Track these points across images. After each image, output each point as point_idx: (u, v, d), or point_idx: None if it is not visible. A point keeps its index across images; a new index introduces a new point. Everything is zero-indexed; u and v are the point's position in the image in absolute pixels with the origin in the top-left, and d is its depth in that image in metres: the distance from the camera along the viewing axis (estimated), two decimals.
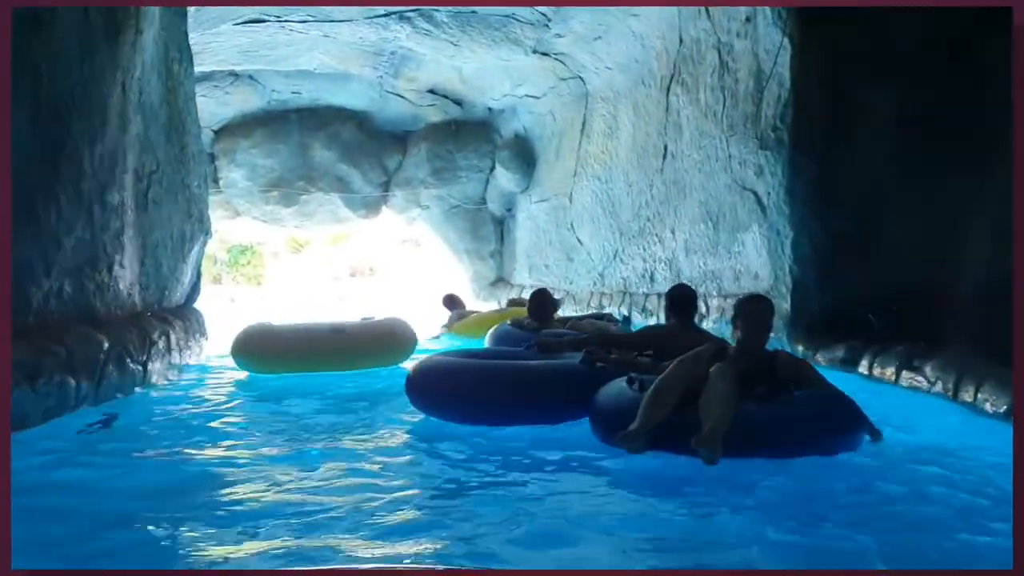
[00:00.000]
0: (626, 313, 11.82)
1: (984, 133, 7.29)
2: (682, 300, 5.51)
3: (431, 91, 14.79)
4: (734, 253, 9.13)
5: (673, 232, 10.69)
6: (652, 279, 11.33)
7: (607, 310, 11.66)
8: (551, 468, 4.13)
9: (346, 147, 15.48)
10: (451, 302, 11.69)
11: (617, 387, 4.45)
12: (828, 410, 4.15)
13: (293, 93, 14.81)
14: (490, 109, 15.31)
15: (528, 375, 4.95)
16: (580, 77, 12.95)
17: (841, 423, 4.14)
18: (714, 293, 9.59)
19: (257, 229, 17.08)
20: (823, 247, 7.85)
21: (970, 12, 7.10)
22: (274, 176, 15.33)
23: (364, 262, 31.15)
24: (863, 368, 6.79)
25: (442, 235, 16.28)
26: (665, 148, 10.83)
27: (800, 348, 7.71)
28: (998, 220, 7.20)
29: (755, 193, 8.51)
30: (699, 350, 4.37)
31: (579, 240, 13.51)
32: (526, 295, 14.84)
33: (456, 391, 4.89)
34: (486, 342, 7.92)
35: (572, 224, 13.69)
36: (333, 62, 13.48)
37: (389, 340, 7.96)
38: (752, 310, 4.58)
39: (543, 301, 7.91)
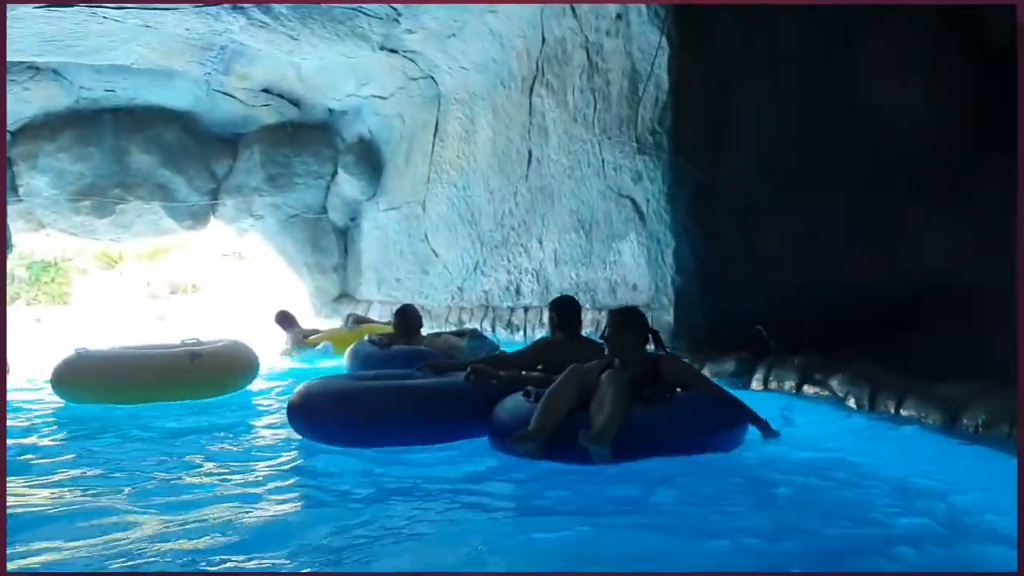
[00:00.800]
0: (489, 329, 11.42)
1: (864, 137, 7.37)
2: (566, 310, 5.77)
3: (266, 90, 13.90)
4: (609, 263, 8.89)
5: (541, 242, 10.37)
6: (518, 292, 10.97)
7: (468, 326, 11.23)
8: (451, 489, 4.06)
9: (169, 151, 14.30)
10: (284, 320, 11.06)
11: (514, 400, 4.61)
12: (710, 408, 4.45)
13: (107, 91, 13.52)
14: (331, 111, 14.56)
15: (433, 394, 4.95)
16: (432, 77, 12.46)
17: (724, 420, 4.44)
18: (588, 306, 9.30)
19: (66, 243, 15.49)
20: (706, 256, 7.70)
21: (852, 9, 7.17)
22: (85, 183, 13.94)
23: (185, 279, 29.30)
24: (757, 382, 6.63)
25: (279, 247, 15.34)
26: (530, 153, 10.51)
27: (686, 361, 7.49)
28: (888, 226, 7.29)
29: (632, 200, 8.30)
30: (592, 364, 4.62)
31: (434, 251, 13.00)
32: (375, 312, 14.24)
33: (363, 414, 4.79)
34: (346, 361, 7.86)
35: (426, 234, 13.16)
36: (155, 56, 12.37)
37: (234, 365, 7.58)
38: (606, 327, 4.81)
39: (410, 317, 8.18)
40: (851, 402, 5.63)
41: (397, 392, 4.92)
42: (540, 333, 10.27)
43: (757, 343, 7.09)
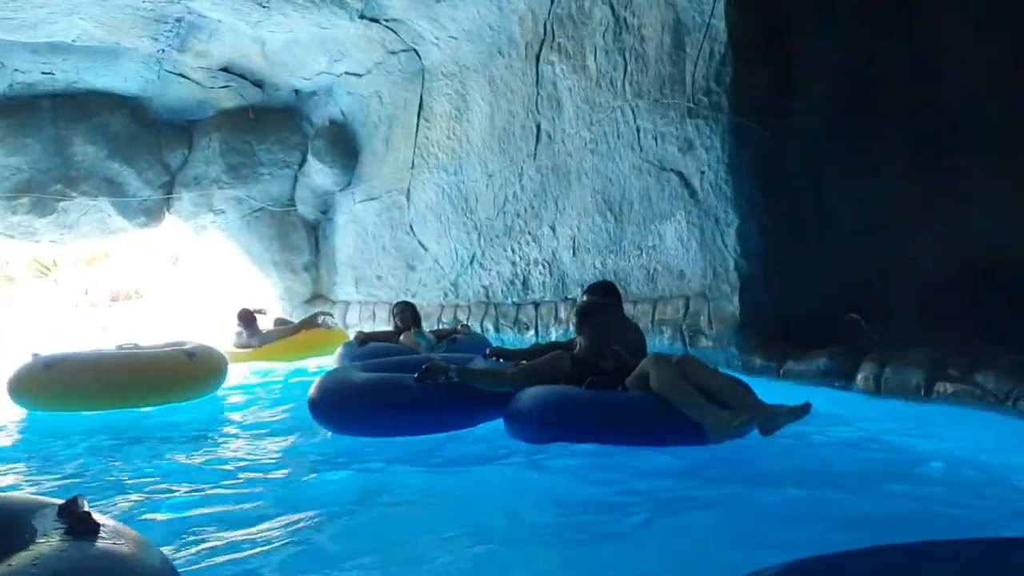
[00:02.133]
0: (491, 329, 10.41)
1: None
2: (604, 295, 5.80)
3: (225, 70, 12.65)
4: (646, 249, 7.91)
5: (554, 228, 9.36)
6: (526, 286, 9.94)
7: (465, 323, 10.21)
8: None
9: (116, 141, 12.98)
10: (246, 319, 10.88)
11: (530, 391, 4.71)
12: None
13: (44, 74, 12.17)
14: (297, 92, 13.36)
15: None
16: (415, 50, 11.37)
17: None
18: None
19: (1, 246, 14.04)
20: (775, 235, 6.78)
21: None
22: (22, 179, 12.57)
23: (127, 285, 27.67)
24: (866, 382, 5.70)
25: (243, 245, 14.08)
26: (538, 129, 9.49)
27: (757, 360, 6.57)
28: (979, 196, 6.43)
29: (680, 174, 7.34)
30: (549, 359, 4.92)
31: (422, 244, 11.90)
32: (354, 314, 13.10)
33: (391, 405, 4.92)
34: (339, 361, 7.73)
35: (412, 226, 12.06)
36: (100, 32, 11.10)
37: (205, 368, 7.44)
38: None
39: (406, 313, 8.60)
40: (1009, 404, 4.70)
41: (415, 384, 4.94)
42: (555, 332, 9.29)
43: (852, 334, 6.17)
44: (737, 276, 6.82)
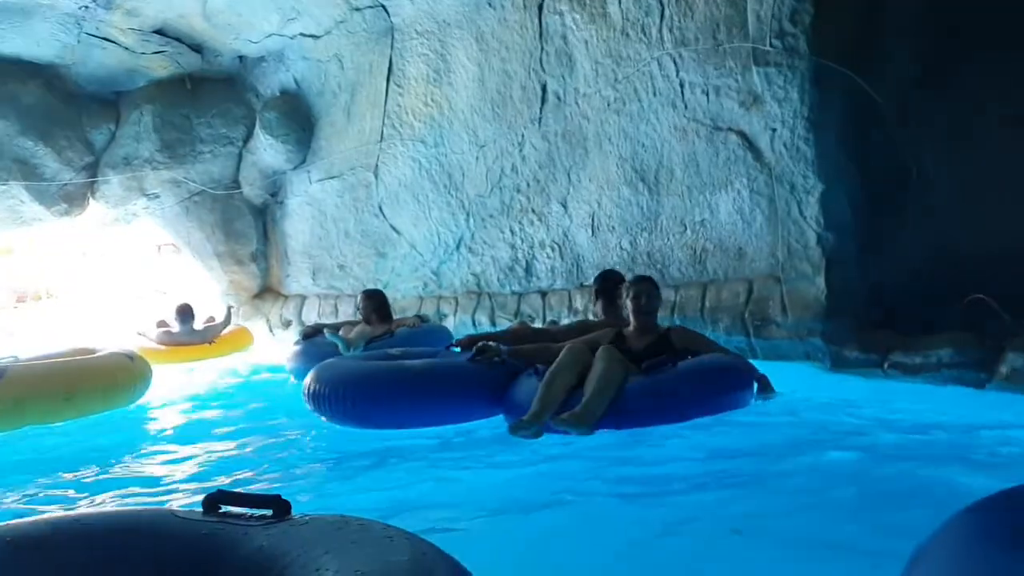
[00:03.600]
0: (485, 322, 9.40)
1: None
2: (615, 285, 5.76)
3: (159, 32, 11.30)
4: (693, 225, 6.99)
5: (565, 205, 8.39)
6: (529, 272, 8.95)
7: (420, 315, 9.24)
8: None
9: (29, 115, 11.52)
10: (182, 314, 10.93)
11: (526, 380, 4.82)
12: (708, 371, 4.62)
13: None
14: (242, 58, 12.07)
15: (466, 374, 5.03)
16: (382, 5, 10.23)
17: (724, 383, 4.62)
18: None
19: None
20: (867, 203, 5.90)
21: None
22: None
23: (37, 284, 25.71)
24: (1009, 374, 4.85)
25: (181, 234, 12.74)
26: (543, 89, 8.49)
27: (852, 353, 5.70)
28: None
29: (742, 133, 6.42)
30: (596, 334, 5.03)
31: (394, 228, 10.80)
32: (311, 310, 11.91)
33: (396, 394, 4.94)
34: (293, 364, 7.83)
35: (381, 207, 10.93)
36: None
37: (118, 376, 6.75)
38: (645, 291, 5.05)
39: (382, 302, 8.29)
40: None
41: (438, 370, 5.09)
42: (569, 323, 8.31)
43: (975, 318, 5.32)
44: (821, 253, 5.95)
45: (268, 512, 1.86)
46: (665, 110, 7.05)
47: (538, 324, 8.81)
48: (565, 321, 8.22)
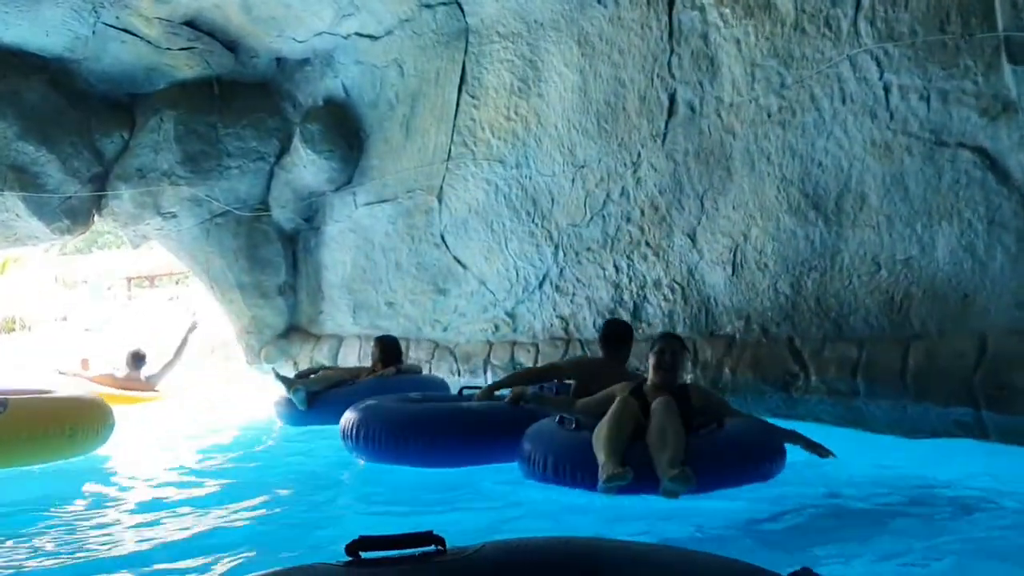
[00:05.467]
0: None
1: None
2: (617, 337, 6.30)
3: (189, 24, 10.18)
4: (892, 264, 5.85)
5: (693, 237, 7.25)
6: (637, 316, 7.77)
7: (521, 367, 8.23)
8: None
9: (31, 116, 10.34)
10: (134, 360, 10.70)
11: (549, 427, 5.04)
12: (763, 436, 4.82)
13: None
14: (280, 61, 10.94)
15: (499, 417, 5.62)
16: (457, 2, 9.17)
17: (776, 448, 4.74)
18: (821, 334, 6.23)
19: None
20: None
21: None
22: None
23: (6, 313, 24.26)
24: None
25: (199, 261, 11.50)
26: (672, 99, 7.39)
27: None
28: None
29: (980, 150, 5.27)
30: (621, 386, 5.11)
31: (459, 261, 9.62)
32: (352, 351, 10.65)
33: (431, 434, 5.54)
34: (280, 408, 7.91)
35: (444, 236, 9.77)
36: None
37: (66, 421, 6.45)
38: (670, 348, 5.16)
39: (394, 349, 8.48)
40: None
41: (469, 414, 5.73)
42: (691, 380, 7.15)
43: None
44: None
45: (429, 548, 1.86)
46: (859, 121, 5.93)
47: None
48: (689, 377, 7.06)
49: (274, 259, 11.51)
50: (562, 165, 8.45)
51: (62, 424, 6.28)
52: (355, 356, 10.69)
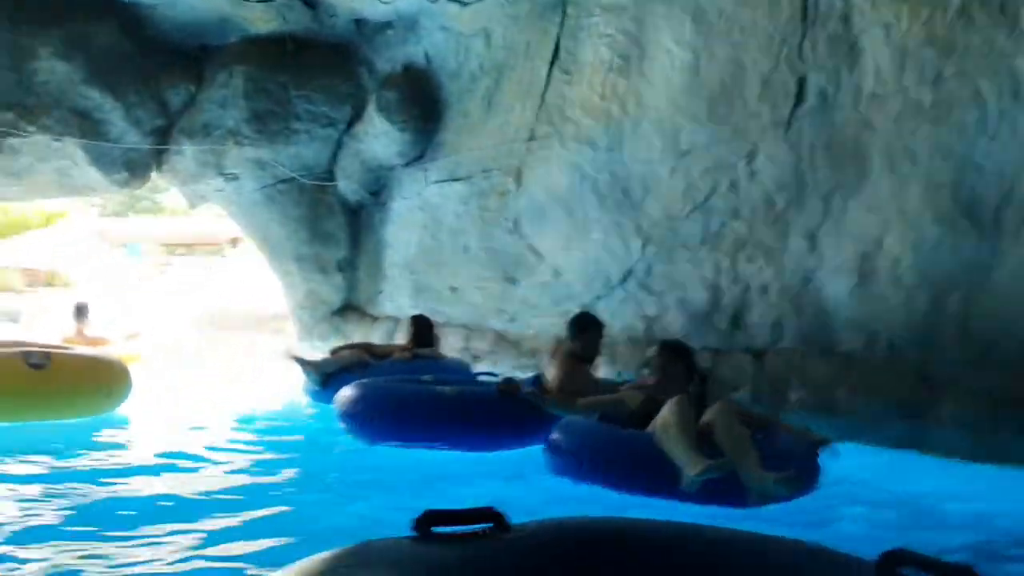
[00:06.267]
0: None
1: None
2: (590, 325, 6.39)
3: None
4: None
5: (814, 239, 6.50)
6: (737, 324, 7.07)
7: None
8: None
9: (98, 61, 9.80)
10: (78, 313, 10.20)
11: (588, 425, 4.95)
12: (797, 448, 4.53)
13: None
14: (359, 23, 10.29)
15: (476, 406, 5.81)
16: None
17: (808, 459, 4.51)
18: (965, 359, 5.47)
19: None
20: None
21: None
22: None
23: (48, 268, 23.92)
24: None
25: (258, 228, 10.92)
26: (801, 85, 6.63)
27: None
28: None
29: None
30: (617, 398, 5.16)
31: (534, 249, 8.94)
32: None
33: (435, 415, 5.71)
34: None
35: (518, 221, 9.08)
36: None
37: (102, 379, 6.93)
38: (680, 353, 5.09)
39: (427, 329, 8.39)
40: None
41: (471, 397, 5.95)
42: (795, 396, 6.44)
43: None
44: None
45: (489, 525, 1.87)
46: None
47: (740, 395, 6.92)
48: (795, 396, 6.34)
49: (336, 232, 10.88)
50: (661, 151, 7.72)
51: (99, 382, 6.77)
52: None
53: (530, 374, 6.79)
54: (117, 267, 24.45)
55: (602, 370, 7.32)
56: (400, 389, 6.16)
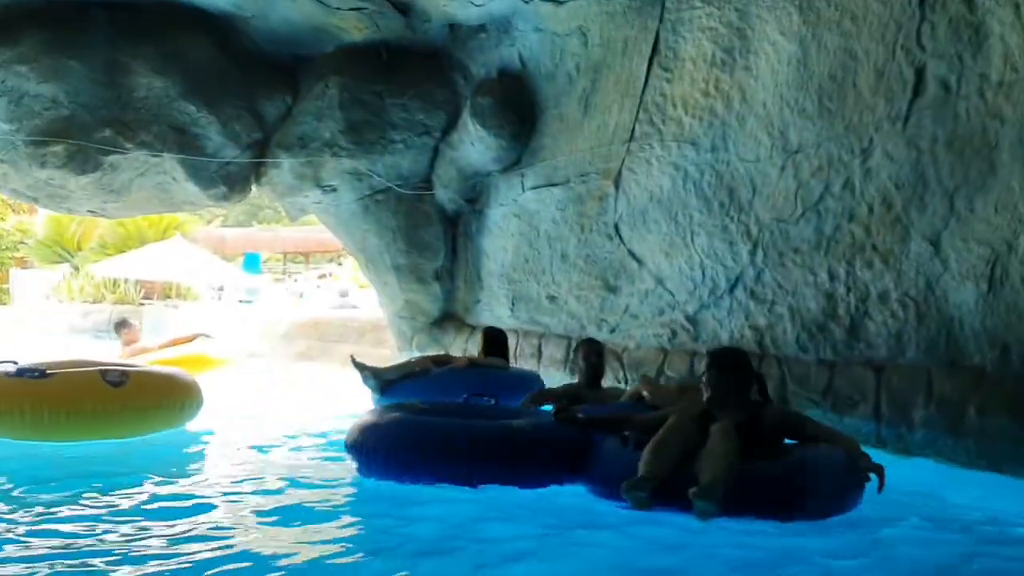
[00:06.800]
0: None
1: None
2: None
3: None
4: None
5: (937, 243, 5.95)
6: (854, 334, 6.58)
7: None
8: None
9: (195, 76, 9.84)
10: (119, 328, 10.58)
11: (614, 447, 4.81)
12: (831, 469, 4.39)
13: None
14: (453, 28, 10.08)
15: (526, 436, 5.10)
16: None
17: (845, 482, 4.40)
18: None
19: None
20: None
21: None
22: (57, 117, 9.42)
23: (164, 281, 24.55)
24: None
25: (355, 239, 10.83)
26: (919, 75, 6.10)
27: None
28: None
29: None
30: (686, 407, 4.89)
31: (634, 256, 8.56)
32: (520, 348, 9.77)
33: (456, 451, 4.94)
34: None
35: (618, 226, 8.73)
36: None
37: (177, 395, 6.92)
38: (713, 363, 4.91)
39: (491, 339, 8.20)
40: None
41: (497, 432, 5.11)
42: (920, 414, 5.89)
43: None
44: None
45: None
46: None
47: (860, 411, 6.43)
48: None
49: (433, 242, 10.71)
50: (769, 150, 7.26)
51: (174, 398, 6.79)
52: (511, 352, 9.77)
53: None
54: (233, 277, 24.93)
55: None
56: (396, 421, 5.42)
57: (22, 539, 4.10)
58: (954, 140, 5.86)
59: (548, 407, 6.05)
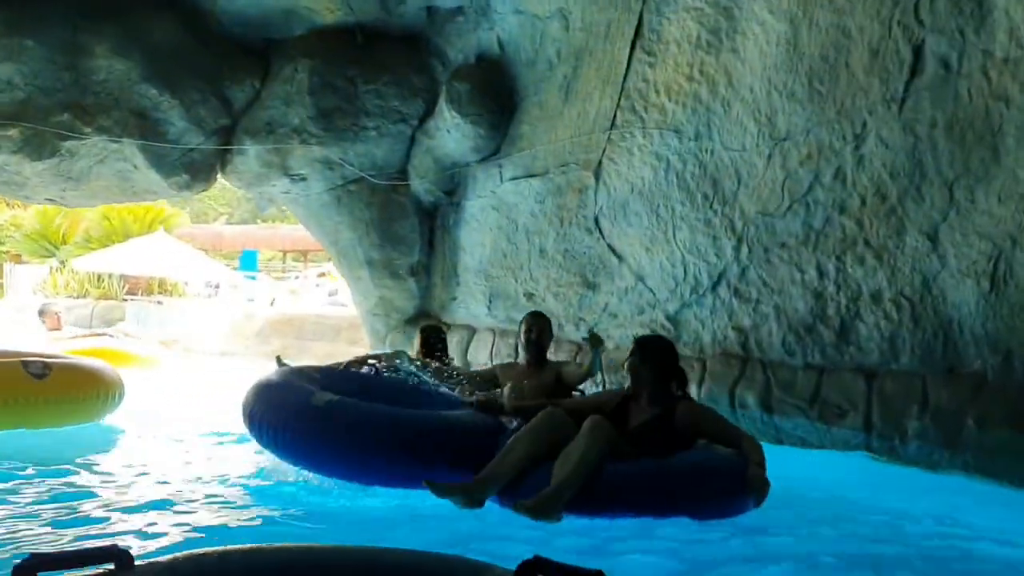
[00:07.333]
0: (750, 403, 6.58)
1: None
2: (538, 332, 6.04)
3: None
4: None
5: (934, 237, 5.45)
6: (843, 337, 6.09)
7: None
8: None
9: (157, 58, 9.33)
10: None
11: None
12: (706, 473, 4.38)
13: None
14: (431, 11, 9.60)
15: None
16: None
17: (720, 487, 4.33)
18: None
19: None
20: None
21: None
22: (13, 99, 8.91)
23: (149, 276, 23.98)
24: None
25: (327, 231, 10.32)
26: (916, 54, 5.61)
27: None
28: None
29: None
30: (601, 399, 5.03)
31: (614, 250, 8.06)
32: (483, 346, 9.25)
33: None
34: None
35: (598, 220, 8.23)
36: None
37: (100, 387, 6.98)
38: (635, 350, 4.81)
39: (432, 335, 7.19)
40: None
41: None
42: (914, 427, 5.38)
43: None
44: None
45: (110, 566, 1.70)
46: None
47: (849, 420, 5.93)
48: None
49: (408, 235, 10.19)
50: (755, 137, 6.77)
51: (96, 390, 6.86)
52: (487, 352, 9.28)
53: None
54: (223, 275, 24.40)
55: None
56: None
57: None
58: (954, 124, 5.39)
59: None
